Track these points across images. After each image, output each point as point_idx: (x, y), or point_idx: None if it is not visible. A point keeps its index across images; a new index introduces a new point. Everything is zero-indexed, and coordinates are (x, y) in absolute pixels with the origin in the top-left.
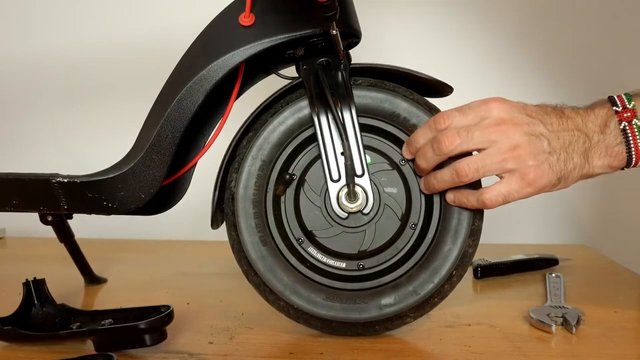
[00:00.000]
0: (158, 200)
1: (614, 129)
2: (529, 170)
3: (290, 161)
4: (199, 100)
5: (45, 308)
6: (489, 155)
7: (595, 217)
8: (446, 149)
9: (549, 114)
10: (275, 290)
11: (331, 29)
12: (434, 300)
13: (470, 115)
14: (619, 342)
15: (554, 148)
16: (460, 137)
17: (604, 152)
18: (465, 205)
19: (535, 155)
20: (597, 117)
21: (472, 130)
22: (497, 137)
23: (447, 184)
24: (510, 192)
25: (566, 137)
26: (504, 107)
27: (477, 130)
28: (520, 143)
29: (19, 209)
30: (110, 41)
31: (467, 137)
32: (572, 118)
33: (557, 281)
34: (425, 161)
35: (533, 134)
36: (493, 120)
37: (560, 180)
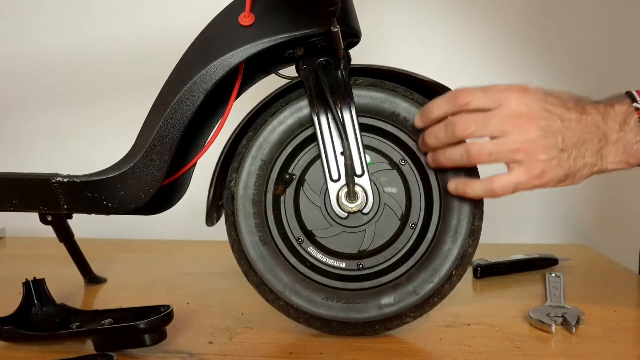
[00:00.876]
0: (158, 200)
1: (634, 127)
2: (538, 165)
3: (290, 161)
4: (199, 100)
5: (45, 308)
6: (502, 144)
7: (595, 217)
8: (460, 133)
9: (570, 109)
10: (275, 290)
11: (332, 26)
12: (434, 300)
13: (491, 98)
14: (619, 342)
15: (567, 145)
16: (476, 124)
17: (621, 150)
18: (468, 195)
19: (547, 151)
20: (617, 115)
21: (489, 118)
22: (513, 129)
23: (454, 163)
24: (520, 183)
25: (582, 135)
26: (525, 101)
27: (494, 119)
28: (534, 138)
29: (19, 209)
30: (110, 41)
31: (483, 125)
32: (592, 115)
33: (557, 281)
34: (436, 141)
35: (549, 129)
36: (511, 111)
37: (568, 177)
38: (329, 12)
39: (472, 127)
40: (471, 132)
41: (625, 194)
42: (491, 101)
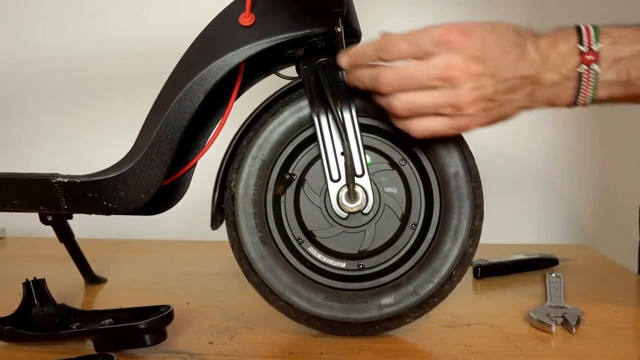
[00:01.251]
0: (158, 200)
1: (570, 71)
2: (464, 119)
3: (290, 161)
4: (198, 100)
5: (45, 308)
6: (428, 98)
7: (595, 217)
8: (382, 90)
9: (507, 51)
10: (275, 290)
11: (337, 25)
12: (434, 300)
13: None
14: (619, 342)
15: (497, 94)
16: (400, 82)
17: (553, 93)
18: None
19: (475, 104)
20: (557, 56)
21: (414, 74)
22: (440, 83)
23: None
24: (438, 132)
25: (515, 82)
26: (459, 47)
27: (421, 74)
28: (463, 92)
29: (19, 209)
30: (110, 41)
31: (407, 81)
32: (531, 57)
33: (557, 281)
34: (361, 86)
35: (479, 80)
36: (441, 63)
37: (495, 121)
38: (335, 13)
39: (395, 85)
40: (394, 89)
41: (626, 193)
42: (419, 51)
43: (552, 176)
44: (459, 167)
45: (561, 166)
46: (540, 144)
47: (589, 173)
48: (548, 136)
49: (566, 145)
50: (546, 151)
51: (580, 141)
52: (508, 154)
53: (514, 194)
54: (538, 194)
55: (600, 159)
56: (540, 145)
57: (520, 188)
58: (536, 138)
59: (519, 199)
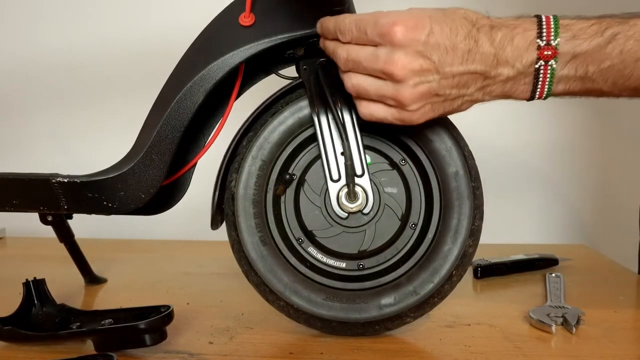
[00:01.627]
0: (158, 200)
1: (527, 67)
2: (406, 113)
3: (290, 161)
4: (199, 100)
5: (45, 308)
6: (372, 85)
7: (595, 217)
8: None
9: (457, 45)
10: (275, 290)
11: None
12: (434, 300)
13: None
14: (619, 342)
15: (443, 88)
16: (348, 64)
17: (508, 87)
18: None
19: (418, 100)
20: (514, 50)
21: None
22: (384, 76)
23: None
24: (382, 119)
25: (464, 77)
26: (403, 41)
27: (365, 62)
28: (404, 89)
29: (19, 209)
30: (110, 41)
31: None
32: (484, 50)
33: (557, 281)
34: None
35: (423, 76)
36: (384, 57)
37: (446, 114)
38: (336, 12)
39: (344, 65)
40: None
41: (626, 193)
42: (365, 39)
43: (552, 176)
44: (459, 167)
45: (561, 166)
46: (541, 143)
47: (589, 173)
48: (548, 136)
49: (566, 145)
50: (546, 151)
51: (581, 141)
52: (508, 153)
53: (514, 193)
54: (538, 194)
55: (601, 159)
56: (540, 145)
57: (520, 188)
58: (536, 138)
59: (519, 199)
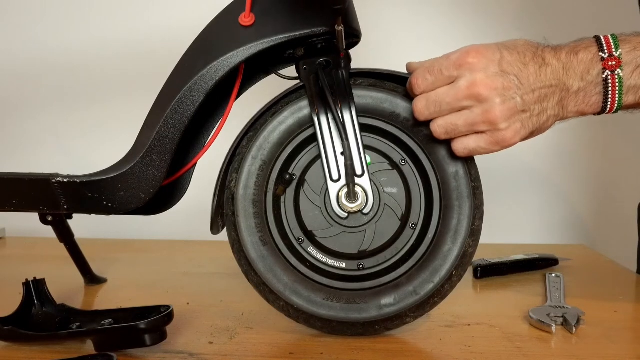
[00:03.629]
0: (158, 200)
1: (595, 77)
2: (499, 133)
3: (290, 161)
4: (199, 100)
5: (45, 308)
6: (461, 119)
7: (595, 217)
8: (419, 119)
9: (527, 64)
10: (275, 290)
11: (337, 24)
12: (434, 300)
13: (443, 76)
14: (619, 342)
15: (527, 104)
16: (429, 109)
17: (580, 101)
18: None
19: (508, 118)
20: (580, 64)
21: (443, 99)
22: (470, 102)
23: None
24: (478, 149)
25: (542, 91)
26: (480, 66)
27: (449, 97)
28: (493, 107)
29: (19, 209)
30: (110, 41)
31: (438, 108)
32: (553, 66)
33: (557, 281)
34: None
35: (507, 94)
36: (466, 83)
37: (534, 132)
38: (335, 11)
39: (426, 112)
40: (426, 116)
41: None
42: (444, 78)
43: (552, 176)
44: (459, 167)
45: (561, 166)
46: (541, 144)
47: (589, 173)
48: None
49: (566, 146)
50: (546, 151)
51: (581, 141)
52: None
53: (514, 194)
54: (538, 194)
55: (600, 159)
56: (540, 145)
57: (520, 188)
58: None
59: (519, 199)
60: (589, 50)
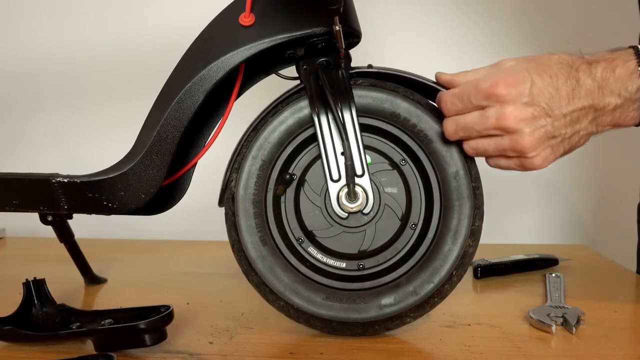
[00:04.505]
0: (158, 200)
1: (633, 93)
2: (528, 161)
3: (290, 161)
4: (199, 100)
5: (45, 308)
6: (490, 144)
7: (595, 217)
8: (449, 138)
9: (559, 88)
10: (275, 290)
11: (334, 24)
12: (434, 300)
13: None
14: (619, 342)
15: (557, 129)
16: (459, 133)
17: (617, 116)
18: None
19: (537, 147)
20: (617, 81)
21: (471, 126)
22: (497, 131)
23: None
24: (508, 168)
25: (574, 114)
26: (509, 97)
27: (478, 126)
28: (521, 138)
29: (19, 209)
30: (110, 41)
31: (467, 134)
32: (587, 86)
33: (557, 281)
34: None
35: (536, 123)
36: (495, 115)
37: (565, 154)
38: (332, 10)
39: (456, 136)
40: (455, 138)
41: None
42: (472, 107)
43: (552, 176)
44: (459, 167)
45: (561, 166)
46: None
47: (589, 173)
48: None
49: None
50: None
51: None
52: None
53: (514, 194)
54: (538, 194)
55: (600, 159)
56: None
57: (520, 188)
58: None
59: (519, 199)
60: (627, 65)
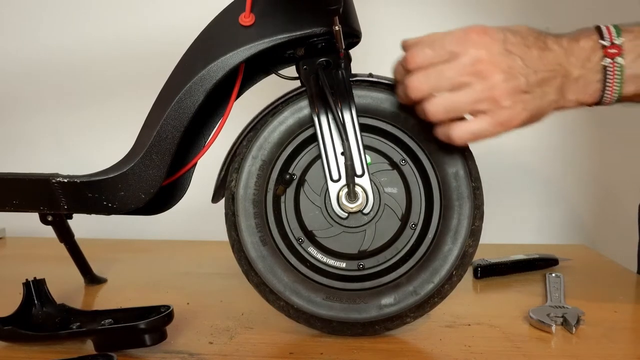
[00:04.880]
0: (158, 200)
1: (595, 65)
2: (503, 112)
3: (290, 161)
4: (199, 100)
5: (45, 308)
6: (462, 97)
7: (595, 217)
8: (415, 96)
9: (530, 46)
10: (275, 290)
11: (334, 24)
12: (434, 300)
13: (444, 51)
14: (619, 342)
15: (530, 86)
16: (429, 82)
17: (580, 89)
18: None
19: (510, 96)
20: (581, 51)
21: (443, 71)
22: (472, 79)
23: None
24: (481, 132)
25: (544, 74)
26: (483, 43)
27: (450, 71)
28: (496, 84)
29: (19, 209)
30: (110, 41)
31: (437, 83)
32: (555, 51)
33: (557, 281)
34: (401, 100)
35: (510, 72)
36: (469, 60)
37: (533, 117)
38: (331, 10)
39: (425, 88)
40: (424, 93)
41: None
42: (444, 54)
43: (552, 176)
44: (459, 167)
45: (561, 166)
46: (541, 143)
47: (589, 173)
48: (548, 136)
49: (566, 145)
50: (546, 151)
51: (581, 141)
52: (508, 153)
53: (514, 194)
54: (538, 194)
55: (600, 159)
56: (540, 145)
57: (520, 188)
58: (536, 138)
59: (519, 199)
60: (590, 38)
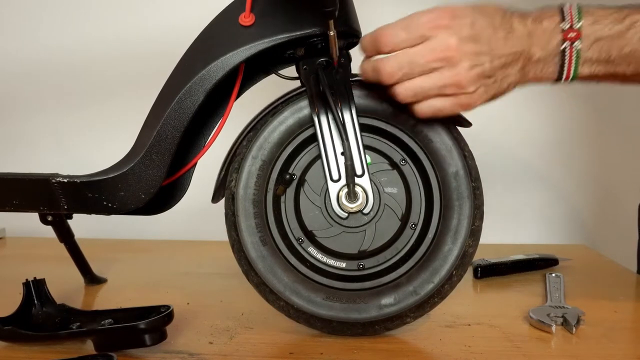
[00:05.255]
0: (158, 200)
1: (554, 48)
2: (465, 97)
3: (290, 161)
4: (199, 100)
5: (45, 308)
6: (430, 81)
7: (595, 217)
8: (386, 81)
9: (497, 28)
10: (275, 290)
11: (329, 29)
12: (434, 300)
13: (415, 34)
14: (619, 342)
15: (494, 69)
16: (402, 70)
17: (540, 69)
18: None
19: (475, 81)
20: (543, 33)
21: (414, 57)
22: (440, 64)
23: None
24: (443, 109)
25: (508, 57)
26: (453, 29)
27: (422, 58)
28: (462, 71)
29: (19, 209)
30: (110, 41)
31: (409, 70)
32: (519, 32)
33: (557, 281)
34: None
35: (477, 58)
36: (439, 45)
37: (494, 97)
38: (327, 12)
39: (398, 74)
40: (396, 79)
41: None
42: (415, 37)
43: (552, 176)
44: (459, 167)
45: (561, 166)
46: (541, 143)
47: (589, 173)
48: (548, 136)
49: (566, 145)
50: (546, 151)
51: (580, 141)
52: (508, 153)
53: (514, 193)
54: (538, 193)
55: (600, 159)
56: (540, 145)
57: (520, 188)
58: (536, 138)
59: (519, 199)
60: (552, 20)
